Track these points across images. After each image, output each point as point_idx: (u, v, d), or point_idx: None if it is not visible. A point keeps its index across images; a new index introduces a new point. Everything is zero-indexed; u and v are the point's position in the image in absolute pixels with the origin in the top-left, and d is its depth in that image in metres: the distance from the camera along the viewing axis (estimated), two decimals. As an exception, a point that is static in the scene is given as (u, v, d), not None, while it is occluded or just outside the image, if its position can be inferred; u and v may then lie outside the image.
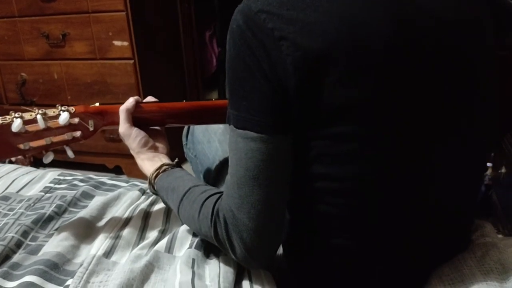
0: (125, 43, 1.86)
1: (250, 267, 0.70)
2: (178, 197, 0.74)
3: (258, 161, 0.60)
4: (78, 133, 0.80)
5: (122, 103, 0.86)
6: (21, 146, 0.76)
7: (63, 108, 0.79)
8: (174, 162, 0.84)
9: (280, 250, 0.78)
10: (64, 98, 2.05)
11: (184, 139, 1.14)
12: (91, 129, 0.82)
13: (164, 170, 0.81)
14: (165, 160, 0.84)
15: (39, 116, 0.76)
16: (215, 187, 0.74)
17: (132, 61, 1.89)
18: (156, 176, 0.81)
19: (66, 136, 0.80)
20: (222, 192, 0.68)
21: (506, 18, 0.69)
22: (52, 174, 1.16)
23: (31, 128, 0.76)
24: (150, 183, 0.82)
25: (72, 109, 0.80)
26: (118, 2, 1.81)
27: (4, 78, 2.13)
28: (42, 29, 1.96)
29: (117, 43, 1.87)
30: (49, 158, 0.80)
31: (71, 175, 1.17)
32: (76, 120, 0.80)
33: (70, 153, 0.82)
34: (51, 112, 0.78)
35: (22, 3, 1.95)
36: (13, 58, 2.07)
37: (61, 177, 1.15)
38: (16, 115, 0.75)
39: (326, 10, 0.55)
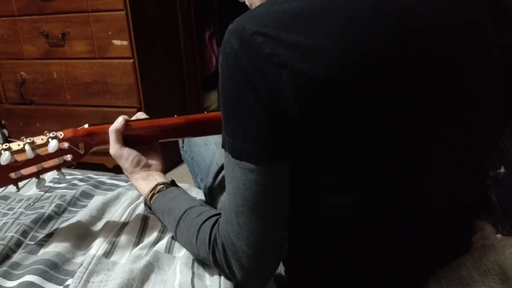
0: (125, 43, 1.86)
1: None
2: (174, 220, 0.73)
3: (256, 192, 0.58)
4: (68, 157, 0.80)
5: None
6: (13, 175, 0.76)
7: (51, 135, 0.78)
8: (169, 181, 0.82)
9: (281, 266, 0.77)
10: (64, 98, 2.05)
11: (180, 141, 1.13)
12: (82, 152, 0.82)
13: (159, 191, 0.79)
14: (160, 178, 0.82)
15: (27, 146, 0.75)
16: (211, 208, 0.73)
17: (131, 61, 1.89)
18: (151, 197, 0.79)
19: (57, 161, 0.79)
20: (218, 214, 0.67)
21: (504, 17, 0.69)
22: (51, 173, 1.16)
23: (20, 157, 0.75)
24: (146, 204, 0.81)
25: (61, 134, 0.79)
26: (118, 1, 1.81)
27: (4, 77, 2.13)
28: (41, 28, 1.96)
29: (116, 42, 1.87)
30: (41, 184, 0.80)
31: (70, 174, 1.17)
32: (66, 145, 0.79)
33: (62, 177, 0.82)
34: (39, 140, 0.77)
35: (22, 2, 1.95)
36: (13, 57, 2.07)
37: (61, 177, 1.15)
38: (4, 147, 0.74)
39: (326, 33, 0.52)
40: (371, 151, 0.56)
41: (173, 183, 0.82)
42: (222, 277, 0.68)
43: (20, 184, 1.10)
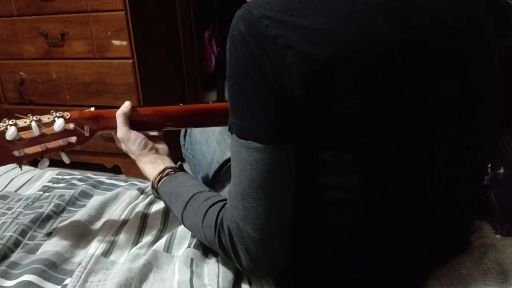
0: (124, 43, 1.86)
1: (256, 276, 0.70)
2: (181, 204, 0.73)
3: (263, 172, 0.58)
4: (73, 139, 0.79)
5: (119, 106, 0.86)
6: (16, 153, 0.75)
7: (57, 114, 0.78)
8: (177, 165, 0.82)
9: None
10: (63, 98, 2.05)
11: (182, 139, 1.13)
12: (87, 134, 0.81)
13: (167, 174, 0.79)
14: (168, 162, 0.83)
15: (33, 123, 0.75)
16: (218, 194, 0.73)
17: (131, 61, 1.88)
18: (159, 181, 0.79)
19: (61, 142, 0.79)
20: (225, 199, 0.67)
21: (506, 20, 0.69)
22: (50, 173, 1.16)
23: (25, 135, 0.75)
24: (153, 187, 0.81)
25: (67, 115, 0.79)
26: (117, 1, 1.80)
27: (3, 77, 2.13)
28: (41, 28, 1.96)
29: (116, 42, 1.87)
30: (44, 164, 0.79)
31: (69, 174, 1.17)
32: (71, 125, 0.79)
33: (65, 159, 0.81)
34: (45, 118, 0.77)
35: (21, 2, 1.95)
36: (12, 57, 2.07)
37: (60, 176, 1.15)
38: (10, 122, 0.74)
39: (331, 17, 0.54)
40: (369, 140, 0.57)
41: (181, 168, 0.82)
42: (221, 276, 0.68)
43: (19, 183, 1.11)
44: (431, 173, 0.62)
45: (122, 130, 0.83)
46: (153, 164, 0.82)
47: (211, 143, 1.00)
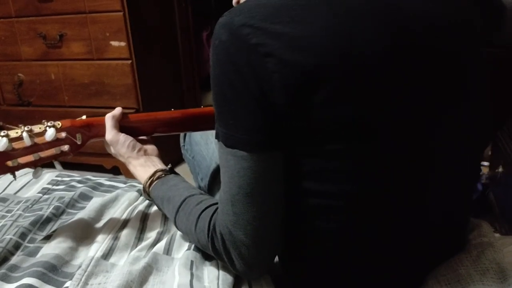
0: (122, 44, 1.86)
1: (249, 278, 0.70)
2: (174, 208, 0.73)
3: (251, 179, 0.58)
4: (66, 147, 0.80)
5: (118, 106, 0.87)
6: (10, 163, 0.76)
7: (49, 124, 0.78)
8: (167, 168, 0.82)
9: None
10: (61, 99, 2.05)
11: (181, 140, 1.14)
12: (79, 142, 0.82)
13: (158, 177, 0.80)
14: (158, 164, 0.83)
15: (25, 134, 0.76)
16: (210, 197, 0.73)
17: (129, 62, 1.88)
18: (150, 185, 0.80)
19: (54, 151, 0.79)
20: (217, 203, 0.67)
21: (495, 16, 0.69)
22: (49, 175, 1.16)
23: (17, 145, 0.76)
24: (144, 191, 0.81)
25: (59, 124, 0.80)
26: (115, 2, 1.80)
27: (1, 79, 2.13)
28: (39, 30, 1.96)
29: (114, 43, 1.87)
30: (38, 173, 0.80)
31: (68, 176, 1.17)
32: (63, 134, 0.80)
33: (59, 167, 0.82)
34: (37, 128, 0.78)
35: (19, 3, 1.95)
36: (10, 59, 2.07)
37: (59, 178, 1.15)
38: (2, 133, 0.75)
39: (312, 23, 0.53)
40: (359, 145, 0.56)
41: (171, 170, 0.82)
42: (221, 279, 0.69)
43: (19, 185, 1.11)
44: (428, 173, 0.62)
45: (111, 133, 0.83)
46: (143, 167, 0.82)
47: (210, 144, 1.00)
